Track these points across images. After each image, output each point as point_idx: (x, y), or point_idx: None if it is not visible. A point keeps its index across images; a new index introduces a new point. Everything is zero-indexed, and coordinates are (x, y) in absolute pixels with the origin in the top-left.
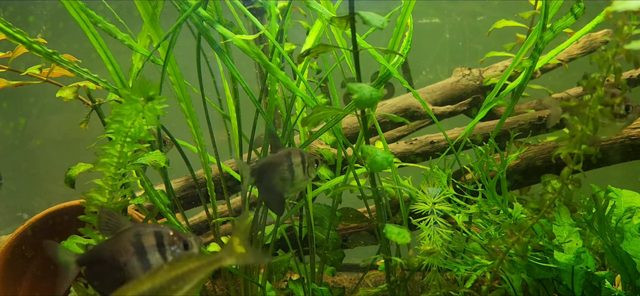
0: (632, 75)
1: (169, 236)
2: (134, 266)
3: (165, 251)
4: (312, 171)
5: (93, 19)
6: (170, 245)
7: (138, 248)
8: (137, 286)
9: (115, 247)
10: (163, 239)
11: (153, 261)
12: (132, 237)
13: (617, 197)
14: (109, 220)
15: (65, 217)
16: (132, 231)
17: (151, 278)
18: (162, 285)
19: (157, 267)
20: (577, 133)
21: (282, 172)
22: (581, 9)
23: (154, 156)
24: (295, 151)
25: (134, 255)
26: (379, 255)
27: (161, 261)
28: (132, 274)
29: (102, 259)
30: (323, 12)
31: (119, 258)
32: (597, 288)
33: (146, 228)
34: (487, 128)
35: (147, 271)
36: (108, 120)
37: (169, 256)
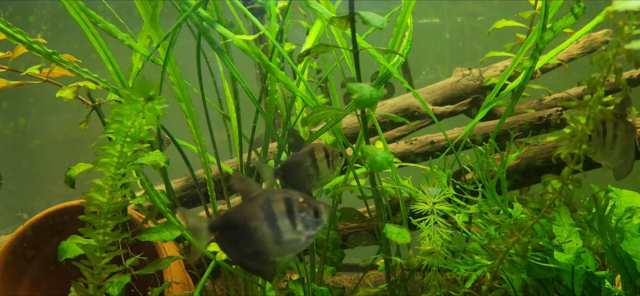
0: (632, 75)
1: (299, 203)
2: (264, 232)
3: (295, 217)
4: (337, 164)
5: (93, 18)
6: (300, 211)
7: (268, 214)
8: None
9: (246, 213)
10: (293, 205)
11: (283, 227)
12: (263, 203)
13: (617, 197)
14: (240, 184)
15: (65, 217)
16: (262, 197)
17: None
18: None
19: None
20: (577, 133)
21: (307, 169)
22: (581, 9)
23: (153, 156)
24: (318, 146)
25: (264, 220)
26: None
27: (291, 227)
28: (262, 240)
29: (233, 224)
30: (323, 12)
31: (250, 224)
32: (597, 288)
33: (276, 195)
34: (487, 128)
35: (276, 237)
36: (108, 120)
37: (299, 223)
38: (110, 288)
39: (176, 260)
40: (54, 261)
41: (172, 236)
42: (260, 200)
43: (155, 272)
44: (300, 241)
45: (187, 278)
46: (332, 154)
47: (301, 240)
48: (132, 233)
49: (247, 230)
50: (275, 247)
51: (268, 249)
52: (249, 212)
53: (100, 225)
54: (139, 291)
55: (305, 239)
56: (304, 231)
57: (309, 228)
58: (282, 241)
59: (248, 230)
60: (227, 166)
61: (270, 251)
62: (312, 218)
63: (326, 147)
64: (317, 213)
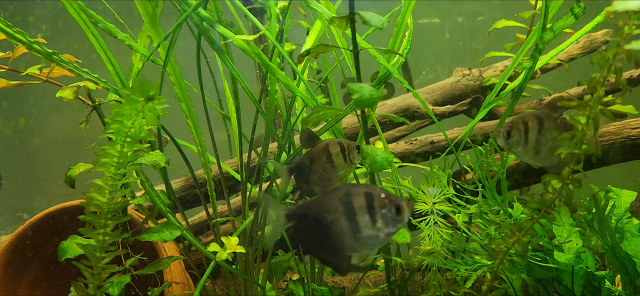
0: (632, 75)
1: (381, 199)
2: (341, 226)
3: (375, 213)
4: (354, 158)
5: (93, 18)
6: (381, 207)
7: (348, 208)
8: None
9: (325, 205)
10: (374, 201)
11: (362, 223)
12: (343, 196)
13: (617, 197)
14: (322, 174)
15: (65, 217)
16: (343, 190)
17: None
18: None
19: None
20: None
21: (322, 164)
22: (581, 9)
23: (154, 156)
24: (333, 141)
25: (342, 214)
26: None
27: (370, 223)
28: (339, 234)
29: (310, 215)
30: (323, 12)
31: (327, 216)
32: (597, 288)
33: (358, 188)
34: (487, 128)
35: (355, 232)
36: (108, 120)
37: (379, 219)
38: (110, 288)
39: (176, 260)
40: (54, 261)
41: (172, 236)
42: (340, 193)
43: (156, 272)
44: (379, 238)
45: (187, 278)
46: (349, 148)
47: (380, 237)
48: (132, 233)
49: (325, 223)
50: (353, 242)
51: (345, 244)
52: (328, 204)
53: (100, 225)
54: (139, 291)
55: (384, 236)
56: (384, 228)
57: (388, 225)
58: (360, 237)
59: (325, 222)
60: (227, 166)
61: (346, 246)
62: (393, 215)
63: (342, 141)
64: (398, 210)
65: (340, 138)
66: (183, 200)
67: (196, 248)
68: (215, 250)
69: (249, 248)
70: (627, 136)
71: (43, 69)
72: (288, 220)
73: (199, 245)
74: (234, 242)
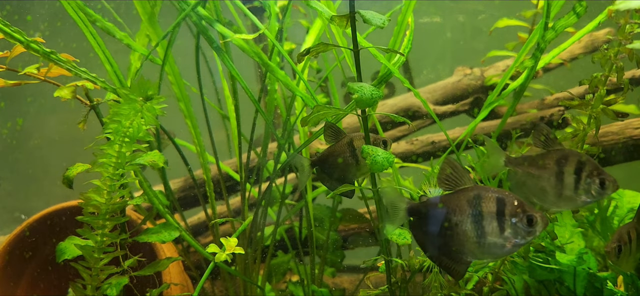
0: (634, 75)
1: (513, 207)
2: (466, 229)
3: (504, 221)
4: None
5: (91, 17)
6: (511, 216)
7: (475, 211)
8: None
9: (451, 204)
10: (505, 208)
11: (488, 229)
12: (472, 198)
13: (619, 197)
14: (452, 173)
15: (63, 217)
16: (473, 191)
17: None
18: None
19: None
20: (579, 132)
21: (345, 159)
22: (583, 8)
23: (152, 156)
24: (358, 135)
25: (469, 216)
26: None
27: (497, 231)
28: (461, 237)
29: (434, 214)
30: (323, 11)
31: (452, 217)
32: (599, 289)
33: (489, 192)
34: (489, 128)
35: (479, 238)
36: (106, 120)
37: (508, 229)
38: (108, 289)
39: (175, 261)
40: (52, 262)
41: (171, 237)
42: (470, 195)
43: (154, 273)
44: (505, 248)
45: (186, 279)
46: (375, 142)
47: (506, 247)
48: (131, 234)
49: (449, 223)
50: (475, 248)
51: (466, 248)
52: (455, 204)
53: (99, 226)
54: (138, 292)
55: (511, 247)
56: (512, 238)
57: (517, 236)
58: (484, 244)
59: (449, 223)
60: (226, 166)
61: (468, 251)
62: (524, 226)
63: (366, 137)
64: (530, 222)
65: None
66: (182, 200)
67: (195, 249)
68: (214, 251)
69: (248, 249)
70: (630, 136)
71: (41, 68)
72: (410, 215)
73: (198, 246)
74: (233, 243)
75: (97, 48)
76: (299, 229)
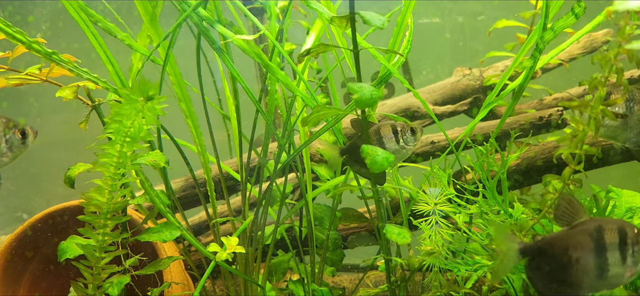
0: (632, 75)
1: (634, 235)
2: (588, 264)
3: (627, 251)
4: (408, 140)
5: (93, 18)
6: (635, 244)
7: (598, 244)
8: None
9: (570, 240)
10: (627, 237)
11: (611, 260)
12: (593, 230)
13: (617, 197)
14: (567, 208)
15: (65, 217)
16: (592, 223)
17: None
18: None
19: None
20: (578, 133)
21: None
22: (582, 9)
23: (153, 156)
24: (386, 124)
25: (590, 251)
26: (379, 255)
27: (620, 262)
28: (581, 273)
29: (551, 252)
30: (323, 12)
31: (572, 253)
32: None
33: (609, 223)
34: (488, 128)
35: (600, 271)
36: (107, 120)
37: (629, 257)
38: (109, 288)
39: (176, 260)
40: (53, 261)
41: (172, 236)
42: (591, 227)
43: (155, 272)
44: (624, 277)
45: (187, 278)
46: (402, 130)
47: (625, 276)
48: (132, 234)
49: (568, 260)
50: (595, 282)
51: (585, 283)
52: (575, 240)
53: (100, 225)
54: (139, 291)
55: (630, 276)
56: (633, 266)
57: (638, 264)
58: (606, 276)
59: (569, 260)
60: (227, 166)
61: (587, 286)
62: None
63: (395, 123)
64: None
65: (340, 138)
66: (183, 200)
67: (196, 248)
68: (215, 250)
69: (248, 249)
70: None
71: (42, 69)
72: (521, 256)
73: (199, 245)
74: (234, 242)
75: (99, 48)
76: (299, 228)
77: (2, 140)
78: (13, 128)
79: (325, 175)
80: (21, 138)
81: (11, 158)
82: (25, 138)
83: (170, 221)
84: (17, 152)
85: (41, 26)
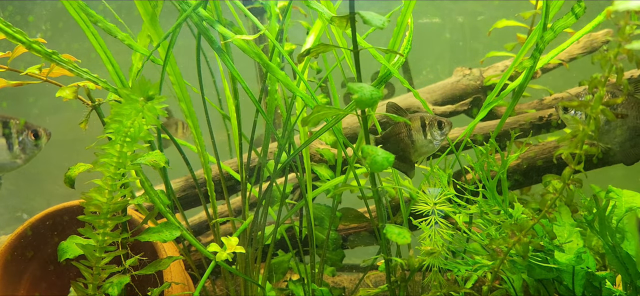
0: (632, 75)
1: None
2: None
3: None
4: (434, 133)
5: (93, 18)
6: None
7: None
8: None
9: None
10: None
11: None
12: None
13: (617, 197)
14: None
15: (65, 217)
16: None
17: None
18: None
19: None
20: (578, 133)
21: (402, 139)
22: (582, 9)
23: (153, 156)
24: (416, 117)
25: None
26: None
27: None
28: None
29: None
30: (323, 12)
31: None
32: (597, 288)
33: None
34: (488, 128)
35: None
36: (108, 120)
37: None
38: (109, 288)
39: (176, 260)
40: (53, 261)
41: (172, 236)
42: None
43: (155, 272)
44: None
45: (187, 278)
46: (430, 124)
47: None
48: (132, 234)
49: None
50: None
51: None
52: None
53: (100, 225)
54: (139, 291)
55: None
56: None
57: None
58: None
59: None
60: (227, 166)
61: None
62: None
63: (424, 116)
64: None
65: (340, 138)
66: (183, 200)
67: (196, 248)
68: (215, 250)
69: (248, 249)
70: None
71: (42, 69)
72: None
73: (199, 245)
74: (234, 242)
75: (99, 48)
76: (299, 228)
77: (15, 142)
78: (26, 130)
79: (325, 175)
80: (34, 139)
81: (25, 160)
82: (39, 139)
83: (170, 221)
84: (31, 153)
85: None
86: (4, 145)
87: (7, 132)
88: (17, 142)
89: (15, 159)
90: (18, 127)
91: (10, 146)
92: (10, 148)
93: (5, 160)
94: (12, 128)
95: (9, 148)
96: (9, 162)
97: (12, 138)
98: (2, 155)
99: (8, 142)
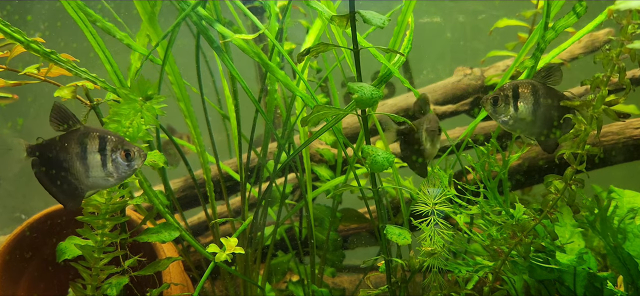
0: (634, 75)
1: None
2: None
3: None
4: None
5: (91, 17)
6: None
7: None
8: None
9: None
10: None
11: None
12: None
13: (619, 197)
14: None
15: (63, 217)
16: None
17: None
18: None
19: None
20: (580, 133)
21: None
22: (583, 8)
23: (152, 156)
24: (428, 118)
25: None
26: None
27: None
28: None
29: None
30: (323, 11)
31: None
32: (599, 289)
33: None
34: (489, 128)
35: None
36: (106, 119)
37: None
38: (108, 289)
39: (175, 261)
40: (52, 262)
41: (171, 237)
42: None
43: (154, 273)
44: None
45: (186, 279)
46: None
47: None
48: (131, 234)
49: None
50: None
51: None
52: None
53: (99, 226)
54: (138, 292)
55: None
56: None
57: None
58: None
59: None
60: (226, 166)
61: None
62: None
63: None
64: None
65: (340, 138)
66: (182, 200)
67: (195, 249)
68: (215, 250)
69: (248, 249)
70: (630, 136)
71: (41, 68)
72: None
73: (198, 245)
74: (233, 243)
75: (97, 48)
76: (299, 229)
77: (109, 160)
78: (120, 149)
79: (325, 175)
80: (126, 159)
81: (117, 179)
82: (131, 161)
83: (169, 221)
84: (124, 174)
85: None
86: (98, 162)
87: (103, 148)
88: (111, 161)
89: (108, 177)
90: (113, 144)
91: (104, 163)
92: (104, 165)
93: (99, 176)
94: (107, 145)
95: (103, 166)
96: (102, 179)
97: (107, 155)
98: (97, 171)
99: (103, 158)
